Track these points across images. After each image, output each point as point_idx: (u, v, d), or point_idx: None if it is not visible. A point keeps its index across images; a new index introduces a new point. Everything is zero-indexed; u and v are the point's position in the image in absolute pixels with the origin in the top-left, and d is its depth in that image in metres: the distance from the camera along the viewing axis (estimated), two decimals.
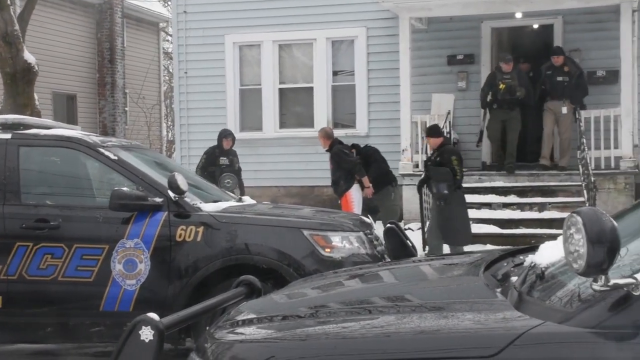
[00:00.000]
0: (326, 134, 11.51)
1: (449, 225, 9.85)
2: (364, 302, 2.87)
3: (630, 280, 2.21)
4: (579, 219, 2.18)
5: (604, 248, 2.13)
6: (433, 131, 10.55)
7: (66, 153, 6.42)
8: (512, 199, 11.85)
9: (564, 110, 12.16)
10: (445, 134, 11.17)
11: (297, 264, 5.93)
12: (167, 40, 26.26)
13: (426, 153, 11.99)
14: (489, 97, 12.24)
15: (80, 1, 20.87)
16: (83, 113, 21.08)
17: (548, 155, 12.43)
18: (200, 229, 5.99)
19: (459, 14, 12.68)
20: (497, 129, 12.38)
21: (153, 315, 2.82)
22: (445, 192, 9.69)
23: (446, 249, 10.00)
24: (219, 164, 11.83)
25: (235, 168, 12.05)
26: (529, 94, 12.21)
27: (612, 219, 2.17)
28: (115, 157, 6.28)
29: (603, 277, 2.19)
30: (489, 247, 10.51)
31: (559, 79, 12.10)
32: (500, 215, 11.57)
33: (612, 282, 2.19)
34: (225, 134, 12.14)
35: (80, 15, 21.28)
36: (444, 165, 9.98)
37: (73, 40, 20.85)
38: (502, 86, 12.04)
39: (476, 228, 11.21)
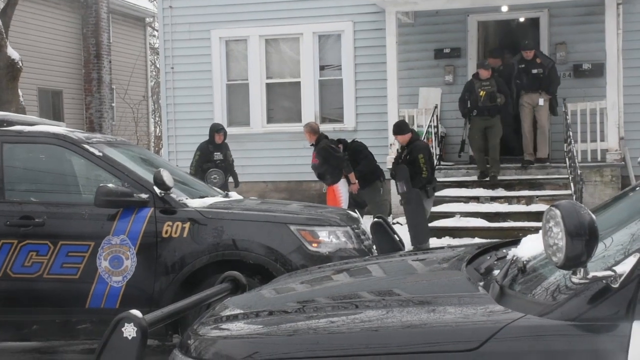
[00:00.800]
0: (312, 129, 11.49)
1: (409, 222, 9.99)
2: (347, 297, 2.88)
3: (609, 272, 2.22)
4: (557, 212, 2.19)
5: (582, 241, 2.14)
6: (400, 128, 10.59)
7: (51, 149, 6.37)
8: (500, 192, 11.87)
9: (541, 101, 12.16)
10: (412, 129, 11.04)
11: (284, 259, 5.93)
12: (154, 36, 26.14)
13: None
14: (468, 104, 12.06)
15: None
16: (69, 109, 20.98)
17: (531, 149, 12.38)
18: (187, 225, 5.98)
19: (445, 7, 12.67)
20: (479, 137, 12.09)
21: (136, 312, 2.81)
22: (403, 190, 9.87)
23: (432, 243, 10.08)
24: (213, 159, 11.79)
25: (229, 162, 12.03)
26: (508, 99, 12.08)
27: (590, 212, 2.18)
28: (101, 154, 6.26)
29: (582, 269, 2.20)
30: (477, 240, 10.52)
31: (534, 71, 12.09)
32: (488, 208, 11.58)
33: (591, 274, 2.21)
34: (217, 129, 12.09)
35: (65, 10, 21.17)
36: (413, 162, 10.01)
37: (58, 36, 20.73)
38: (482, 93, 11.88)
39: (464, 221, 11.31)
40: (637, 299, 2.19)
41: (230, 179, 12.05)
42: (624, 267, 2.23)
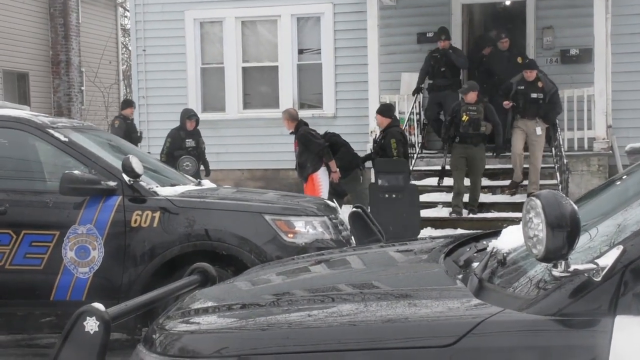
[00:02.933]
0: (290, 116, 11.20)
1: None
2: (320, 291, 2.83)
3: (590, 265, 2.17)
4: (538, 202, 2.14)
5: (563, 233, 2.09)
6: (384, 110, 10.72)
7: (13, 134, 6.17)
8: (484, 181, 11.58)
9: (538, 131, 10.95)
10: (395, 117, 10.98)
11: (259, 250, 5.83)
12: (126, 16, 25.63)
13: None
14: (452, 130, 10.88)
15: None
16: (36, 92, 20.52)
17: (520, 174, 11.29)
18: (157, 214, 5.91)
19: None
20: (461, 167, 10.88)
21: (98, 306, 2.75)
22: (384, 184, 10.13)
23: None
24: (185, 147, 11.52)
25: (201, 149, 11.78)
26: (498, 130, 10.87)
27: (572, 203, 2.13)
28: (66, 139, 6.16)
29: (563, 262, 2.15)
30: (459, 231, 10.39)
31: (534, 95, 10.95)
32: None
33: (572, 267, 2.16)
34: (188, 115, 11.81)
35: None
36: (385, 147, 10.28)
37: (23, 16, 20.23)
38: (465, 118, 10.67)
39: (446, 212, 11.23)
40: (620, 293, 2.14)
41: (202, 167, 11.69)
42: (607, 260, 2.17)
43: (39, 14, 20.66)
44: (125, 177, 5.89)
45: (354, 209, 4.43)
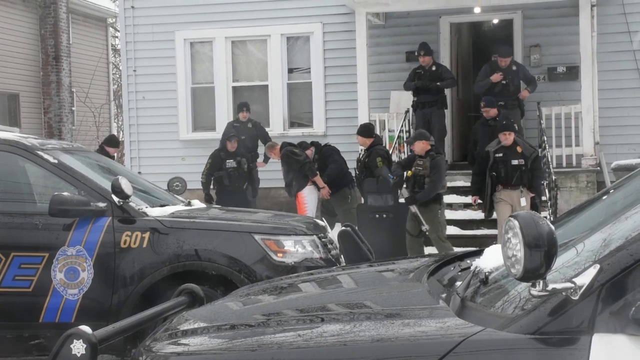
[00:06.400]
0: (269, 147, 11.47)
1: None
2: (307, 311, 2.85)
3: (568, 284, 2.19)
4: (515, 222, 2.17)
5: (541, 252, 2.12)
6: (364, 130, 10.60)
7: (2, 156, 6.17)
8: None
9: (523, 202, 9.74)
10: (377, 135, 10.99)
11: (248, 270, 5.83)
12: (116, 37, 25.65)
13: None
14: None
15: None
16: (27, 113, 20.46)
17: None
18: (147, 235, 5.90)
19: (416, 8, 12.47)
20: (411, 226, 9.91)
21: (85, 328, 2.76)
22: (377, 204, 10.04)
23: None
24: (225, 168, 11.64)
25: (244, 170, 11.81)
26: (432, 185, 9.53)
27: (549, 223, 2.17)
28: (56, 161, 6.17)
29: (541, 281, 2.18)
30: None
31: (514, 162, 9.73)
32: (462, 215, 11.42)
33: (550, 286, 2.19)
34: (227, 136, 11.89)
35: (22, 10, 20.64)
36: (371, 165, 10.17)
37: (14, 37, 20.19)
38: (409, 174, 9.89)
39: None
40: (598, 312, 2.17)
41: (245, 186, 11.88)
42: (584, 279, 2.20)
43: (30, 34, 20.62)
44: (115, 198, 5.87)
45: (344, 228, 4.45)
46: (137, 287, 5.80)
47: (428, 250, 10.04)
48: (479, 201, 10.27)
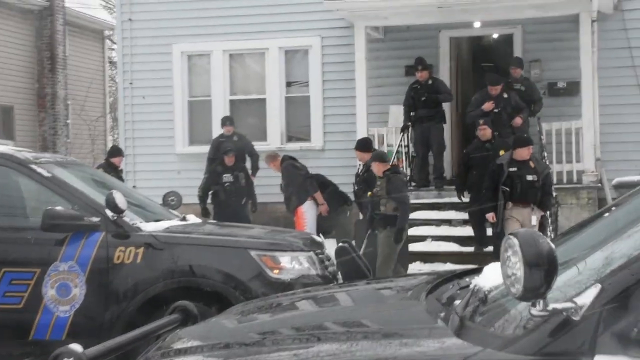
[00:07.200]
0: (270, 157, 11.30)
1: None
2: (303, 329, 2.82)
3: (569, 304, 2.15)
4: (515, 241, 2.13)
5: (541, 271, 2.08)
6: (362, 145, 10.43)
7: None
8: None
9: (534, 220, 9.28)
10: (375, 150, 10.82)
11: (244, 287, 5.76)
12: (113, 49, 25.60)
13: None
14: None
15: (18, 7, 20.14)
16: (21, 126, 20.39)
17: None
18: (141, 250, 5.84)
19: (416, 22, 12.44)
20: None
21: (75, 346, 2.72)
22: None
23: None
24: (221, 182, 11.53)
25: (241, 185, 11.70)
26: (403, 209, 9.09)
27: (549, 242, 2.12)
28: (49, 174, 6.13)
29: (541, 301, 2.13)
30: (448, 265, 10.33)
31: (529, 178, 9.25)
32: (460, 232, 11.29)
33: (550, 306, 2.14)
34: (225, 151, 11.76)
35: (18, 22, 20.58)
36: (370, 180, 9.85)
37: (9, 49, 20.12)
38: (369, 194, 9.61)
39: (435, 246, 11.15)
40: (599, 332, 2.12)
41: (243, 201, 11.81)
42: (585, 299, 2.15)
43: (26, 47, 20.56)
44: (109, 213, 5.85)
45: (341, 244, 4.37)
46: (131, 303, 5.73)
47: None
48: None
